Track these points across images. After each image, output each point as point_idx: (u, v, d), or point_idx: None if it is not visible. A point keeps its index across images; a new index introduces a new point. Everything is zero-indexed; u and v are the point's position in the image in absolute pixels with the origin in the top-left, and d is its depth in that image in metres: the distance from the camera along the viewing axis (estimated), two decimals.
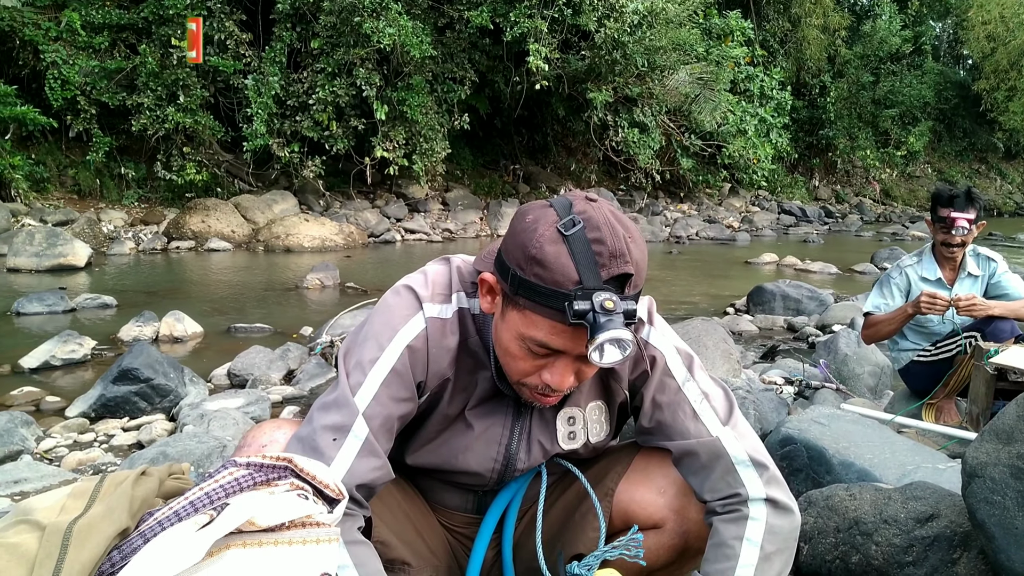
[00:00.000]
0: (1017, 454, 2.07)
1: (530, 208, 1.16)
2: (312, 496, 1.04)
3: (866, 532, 2.44)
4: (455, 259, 1.35)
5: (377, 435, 1.24)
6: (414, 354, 1.25)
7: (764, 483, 1.30)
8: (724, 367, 4.10)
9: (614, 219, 1.12)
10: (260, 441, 1.26)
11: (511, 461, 1.39)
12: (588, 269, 1.07)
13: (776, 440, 3.28)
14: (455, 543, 1.54)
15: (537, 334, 1.12)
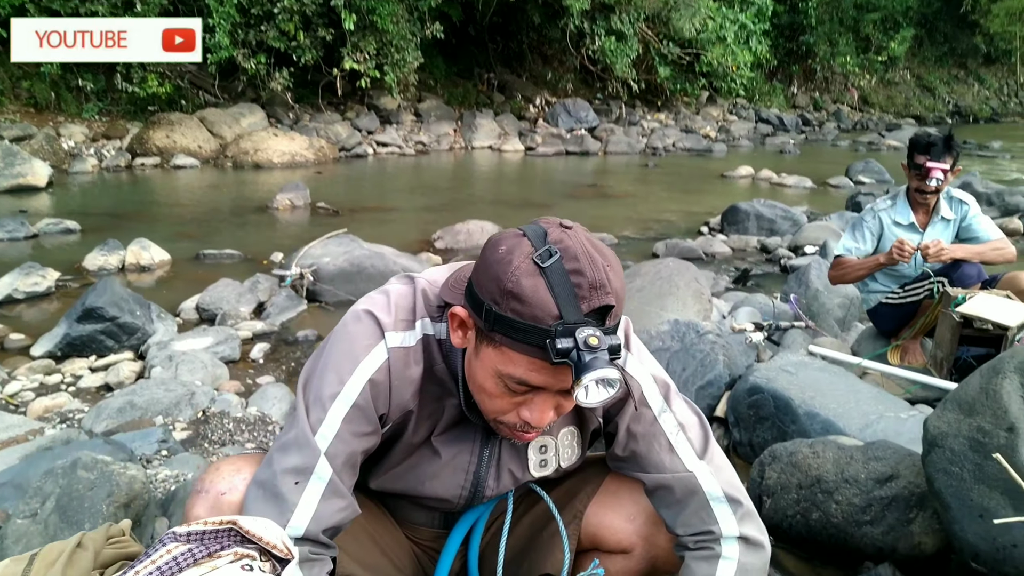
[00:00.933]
0: (977, 427, 2.08)
1: (502, 238, 1.08)
2: (259, 559, 1.00)
3: (827, 491, 2.49)
4: (420, 280, 1.27)
5: (341, 474, 1.19)
6: (376, 387, 1.18)
7: (738, 520, 1.27)
8: (695, 307, 4.10)
9: (591, 247, 1.05)
10: (219, 488, 1.20)
11: (479, 488, 1.36)
12: (568, 302, 1.00)
13: (744, 389, 3.30)
14: (421, 554, 1.52)
15: (516, 371, 1.06)
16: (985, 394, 2.11)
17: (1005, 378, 2.08)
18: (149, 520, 2.21)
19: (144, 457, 3.05)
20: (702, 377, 3.56)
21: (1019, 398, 2.03)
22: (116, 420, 3.66)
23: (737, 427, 3.34)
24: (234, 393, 4.20)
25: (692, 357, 3.65)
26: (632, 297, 4.20)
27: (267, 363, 4.94)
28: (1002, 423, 2.02)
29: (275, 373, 4.73)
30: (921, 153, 3.47)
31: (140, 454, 3.07)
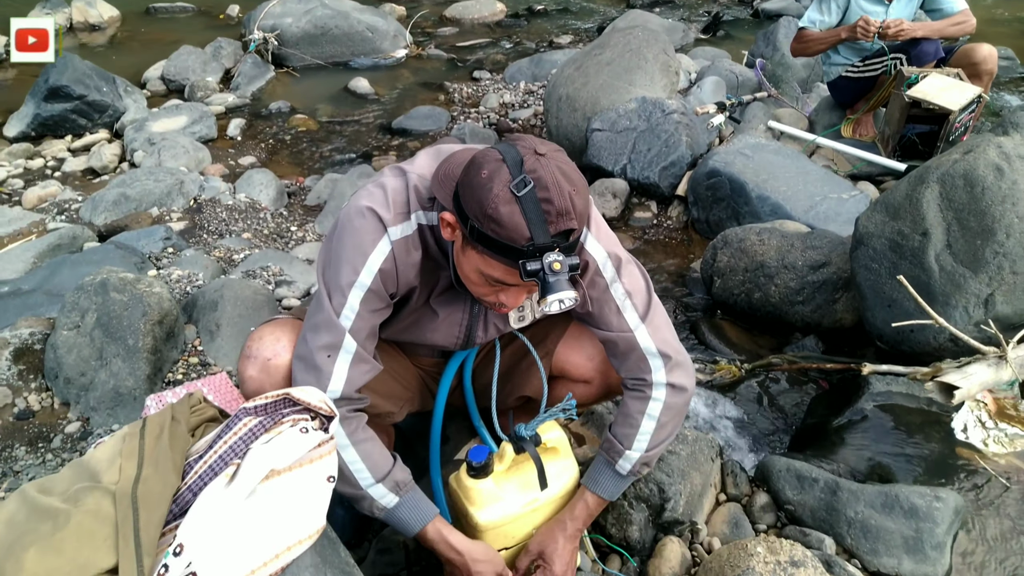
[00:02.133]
0: (898, 230, 2.39)
1: (484, 161, 1.24)
2: (309, 419, 1.31)
3: (768, 275, 2.85)
4: (411, 175, 1.44)
5: (364, 345, 1.46)
6: (385, 274, 1.41)
7: (667, 371, 1.57)
8: (662, 82, 4.17)
9: (560, 175, 1.22)
10: (265, 355, 1.48)
11: (471, 337, 1.66)
12: (538, 226, 1.20)
13: (703, 172, 3.55)
14: (425, 376, 1.87)
15: (494, 273, 1.29)
16: (909, 200, 2.39)
17: (927, 187, 2.34)
18: (180, 330, 2.54)
19: (153, 256, 3.30)
20: (666, 158, 3.78)
21: (936, 207, 2.31)
22: (113, 213, 3.86)
23: (696, 206, 3.64)
24: (220, 177, 4.36)
25: (657, 137, 3.84)
26: (601, 71, 4.25)
27: (245, 140, 5.02)
28: (919, 228, 2.33)
29: (255, 152, 4.84)
30: None
31: (148, 252, 3.32)
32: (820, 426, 2.30)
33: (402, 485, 1.52)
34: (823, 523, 1.85)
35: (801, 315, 2.79)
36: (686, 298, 3.23)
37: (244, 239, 3.66)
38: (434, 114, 5.21)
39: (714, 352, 2.85)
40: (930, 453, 2.07)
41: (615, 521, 1.84)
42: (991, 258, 2.18)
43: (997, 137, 2.33)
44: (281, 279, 3.08)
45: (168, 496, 1.17)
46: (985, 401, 2.18)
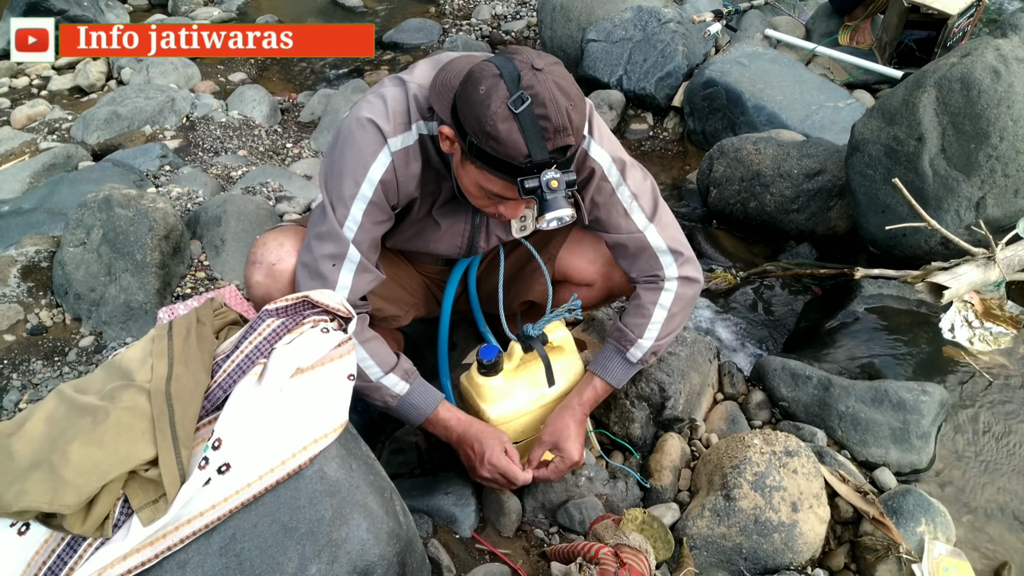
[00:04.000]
0: (894, 136, 2.41)
1: (482, 76, 1.24)
2: (328, 320, 1.36)
3: (764, 184, 2.88)
4: (411, 85, 1.44)
5: (367, 254, 1.49)
6: (386, 186, 1.43)
7: (679, 267, 1.62)
8: None
9: (557, 91, 1.23)
10: (269, 259, 1.51)
11: (474, 246, 1.68)
12: (536, 143, 1.22)
13: (700, 82, 3.53)
14: (430, 283, 1.90)
15: (493, 188, 1.32)
16: (905, 105, 2.40)
17: (924, 92, 2.35)
18: (185, 245, 2.56)
19: (151, 174, 3.30)
20: (662, 68, 3.75)
21: (932, 111, 2.33)
22: (105, 132, 3.82)
23: (692, 117, 3.63)
24: (211, 95, 4.30)
25: (653, 47, 3.80)
26: None
27: (233, 56, 4.92)
28: (914, 133, 2.35)
29: (244, 68, 4.76)
30: None
31: (146, 170, 3.32)
32: (813, 329, 2.38)
33: (410, 373, 1.60)
34: (816, 418, 1.95)
35: (796, 223, 2.84)
36: (682, 209, 3.26)
37: (240, 156, 3.64)
38: (425, 27, 5.11)
39: (710, 261, 2.91)
40: (918, 352, 2.15)
41: (618, 419, 1.93)
42: (984, 161, 2.22)
43: (996, 40, 2.33)
44: (281, 195, 3.10)
45: (200, 393, 1.23)
46: (972, 302, 2.26)
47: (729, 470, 1.68)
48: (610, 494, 1.76)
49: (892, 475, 1.82)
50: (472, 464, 1.59)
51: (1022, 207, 2.24)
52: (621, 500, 1.76)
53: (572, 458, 1.61)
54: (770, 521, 1.59)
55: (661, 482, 1.80)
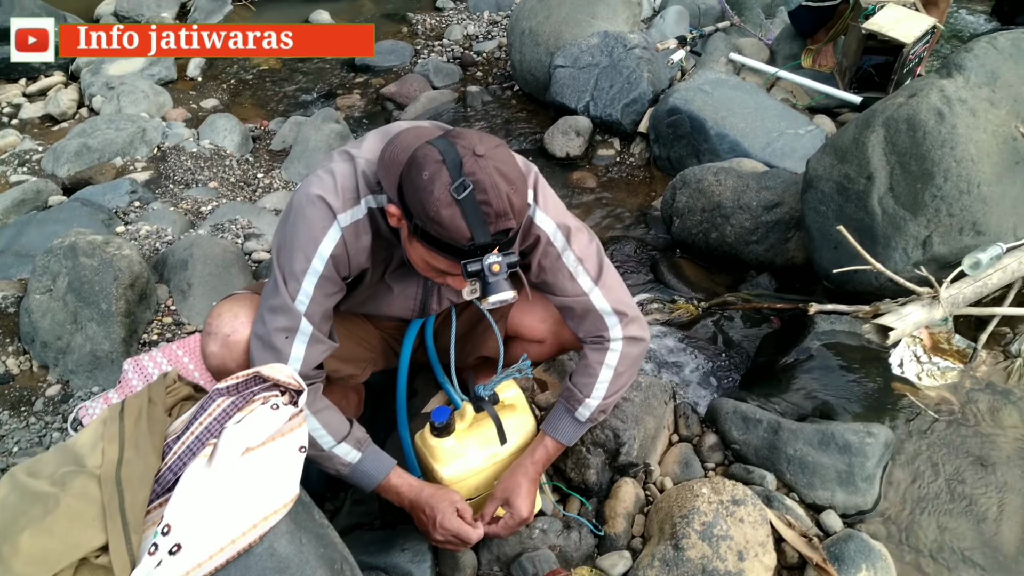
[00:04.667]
0: (845, 174, 2.47)
1: (425, 162, 1.28)
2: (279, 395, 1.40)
3: (725, 215, 2.94)
4: (359, 160, 1.47)
5: (319, 326, 1.53)
6: (337, 260, 1.48)
7: (623, 327, 1.67)
8: (625, 14, 4.12)
9: (499, 176, 1.27)
10: (224, 331, 1.55)
11: (426, 308, 1.74)
12: (478, 227, 1.27)
13: (664, 109, 3.59)
14: (388, 338, 1.95)
15: (439, 265, 1.37)
16: (856, 144, 2.46)
17: (873, 131, 2.41)
18: (152, 291, 2.59)
19: (120, 210, 3.32)
20: (628, 95, 3.80)
21: (881, 151, 2.39)
22: (76, 164, 3.84)
23: (657, 143, 3.69)
24: (182, 123, 4.32)
25: (619, 74, 3.85)
26: (563, 4, 4.19)
27: (206, 81, 4.95)
28: (864, 171, 2.41)
29: (217, 94, 4.77)
30: None
31: (115, 207, 3.34)
32: (769, 365, 2.44)
33: (362, 441, 1.64)
34: (765, 460, 2.00)
35: (755, 254, 2.90)
36: (647, 236, 3.32)
37: (211, 188, 3.67)
38: (397, 49, 5.14)
39: (673, 291, 2.96)
40: (869, 389, 2.21)
41: (574, 466, 1.98)
42: (930, 201, 2.28)
43: (940, 80, 2.40)
44: (250, 232, 3.13)
45: (150, 477, 1.27)
46: (921, 337, 2.32)
47: (678, 519, 1.73)
48: (564, 544, 1.81)
49: (838, 518, 1.87)
50: (425, 528, 1.64)
51: (967, 245, 2.30)
52: (575, 550, 1.81)
53: (521, 515, 1.65)
54: (717, 570, 1.64)
55: (615, 529, 1.85)
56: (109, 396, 2.12)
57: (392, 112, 4.49)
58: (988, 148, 2.30)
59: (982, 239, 2.30)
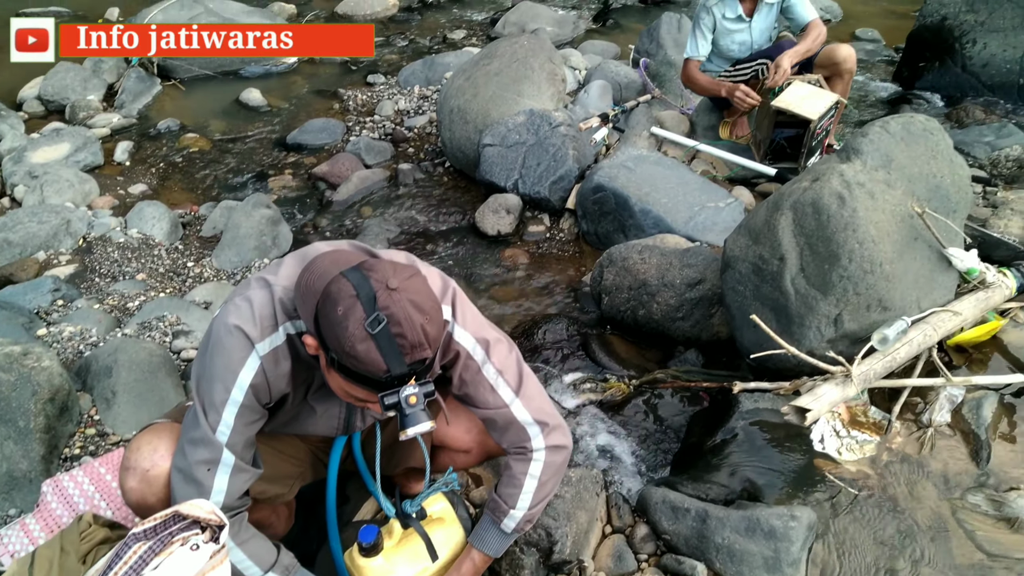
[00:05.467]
0: (759, 255, 2.58)
1: (339, 297, 1.31)
2: (201, 535, 1.38)
3: (651, 293, 3.02)
4: (276, 288, 1.49)
5: (242, 455, 1.53)
6: (256, 389, 1.49)
7: (545, 437, 1.71)
8: (550, 91, 4.26)
9: (412, 308, 1.31)
10: (143, 466, 1.53)
11: (351, 426, 1.76)
12: (394, 360, 1.30)
13: (590, 187, 3.69)
14: (316, 450, 1.95)
15: (358, 394, 1.39)
16: (767, 226, 2.57)
17: (782, 214, 2.53)
18: (73, 402, 2.53)
19: (42, 311, 3.25)
20: (554, 172, 3.90)
21: (790, 233, 2.50)
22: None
23: (585, 219, 3.78)
24: (109, 211, 4.27)
25: (546, 151, 3.95)
26: (490, 82, 4.31)
27: (134, 165, 4.90)
28: (776, 253, 2.52)
29: (145, 178, 4.73)
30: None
31: (36, 307, 3.26)
32: (698, 445, 2.49)
33: (291, 568, 1.63)
34: (696, 550, 2.03)
35: (682, 330, 2.98)
36: (579, 313, 3.38)
37: (139, 281, 3.62)
38: (329, 127, 5.19)
39: (604, 369, 3.01)
40: (793, 467, 2.28)
41: (508, 567, 1.98)
42: (837, 281, 2.39)
43: (840, 165, 2.53)
44: (178, 329, 3.09)
45: None
46: (839, 411, 2.40)
47: None
48: None
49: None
50: None
51: (875, 320, 2.41)
52: None
53: None
54: None
55: None
56: (27, 522, 2.05)
57: (324, 192, 4.51)
58: (888, 228, 2.42)
59: (888, 314, 2.42)
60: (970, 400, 2.43)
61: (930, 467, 2.27)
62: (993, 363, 2.61)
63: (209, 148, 5.11)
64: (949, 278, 2.60)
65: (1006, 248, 3.03)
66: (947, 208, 2.60)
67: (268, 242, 3.91)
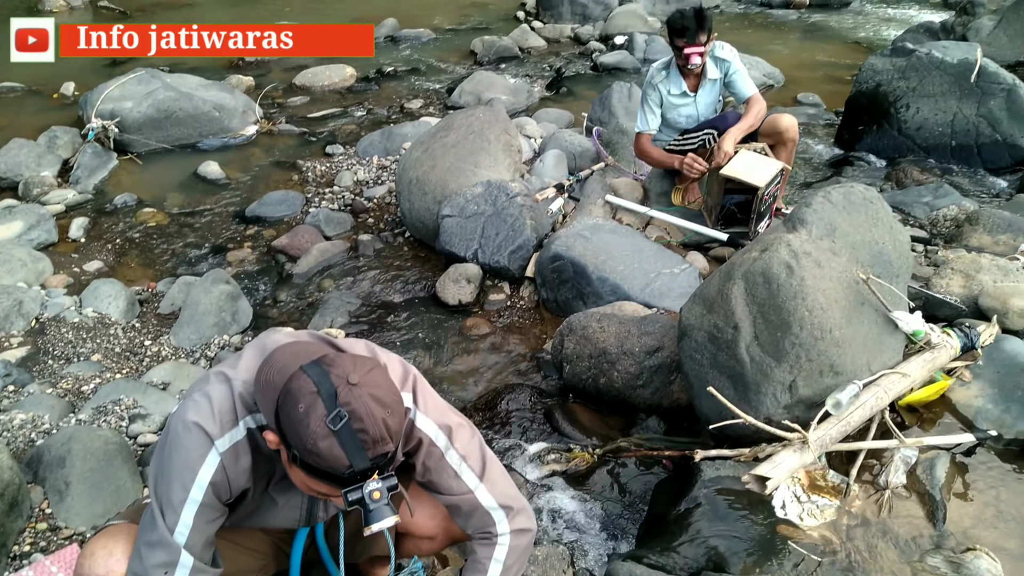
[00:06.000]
0: (714, 323, 2.64)
1: (300, 394, 1.32)
2: None
3: (611, 361, 3.06)
4: (235, 382, 1.50)
5: (201, 555, 1.51)
6: (216, 486, 1.48)
7: (510, 521, 1.72)
8: (506, 162, 4.35)
9: (374, 403, 1.33)
10: (98, 573, 1.50)
11: (313, 516, 1.75)
12: (356, 455, 1.31)
13: (548, 256, 3.76)
14: (278, 540, 1.92)
15: (320, 489, 1.40)
16: (720, 295, 2.64)
17: (734, 284, 2.60)
18: (24, 496, 2.46)
19: None
20: (513, 241, 3.97)
21: (743, 302, 2.57)
22: None
23: (544, 287, 3.84)
24: (64, 289, 4.21)
25: (504, 221, 4.02)
26: (447, 154, 4.39)
27: (90, 242, 4.85)
28: (730, 321, 2.58)
29: (101, 255, 4.68)
30: (677, 37, 3.78)
31: None
32: (662, 516, 2.50)
33: None
34: None
35: (643, 398, 3.02)
36: (541, 382, 3.40)
37: (94, 362, 3.55)
38: (288, 199, 5.21)
39: (568, 439, 3.02)
40: (756, 534, 2.30)
41: None
42: (790, 348, 2.45)
43: (787, 234, 2.63)
44: (135, 412, 3.04)
45: None
46: (799, 477, 2.44)
47: None
48: None
49: None
50: None
51: (828, 385, 2.47)
52: None
53: None
54: None
55: None
56: None
57: (284, 265, 4.51)
58: (835, 295, 2.51)
59: (840, 378, 2.49)
60: (924, 461, 2.49)
61: (889, 530, 2.31)
62: (943, 422, 2.69)
63: (167, 223, 5.09)
64: (896, 340, 2.69)
65: (949, 307, 3.15)
66: (890, 273, 2.71)
67: (228, 318, 3.88)
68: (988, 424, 2.63)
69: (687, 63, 3.82)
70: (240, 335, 3.86)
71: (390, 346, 3.68)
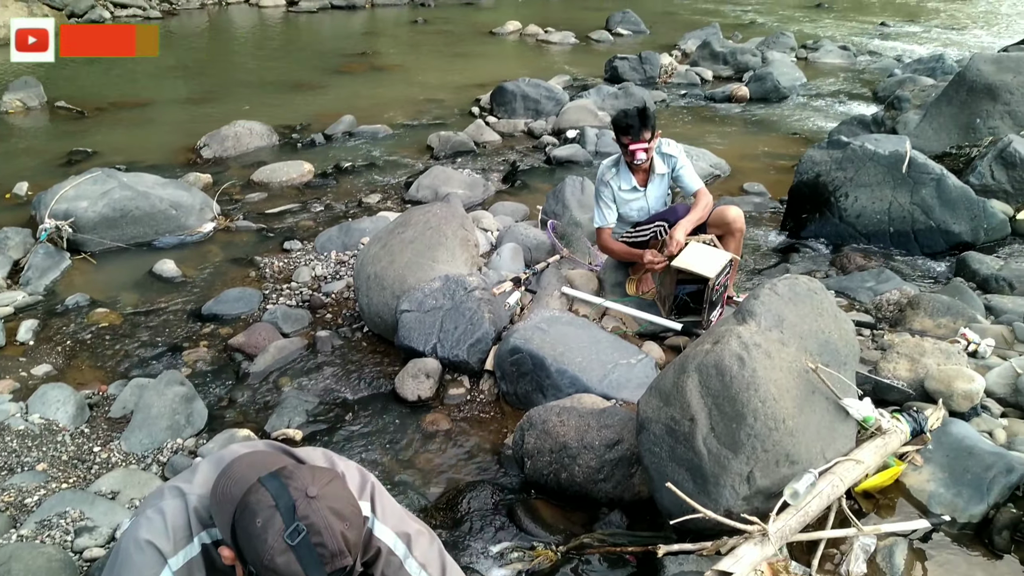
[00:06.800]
0: (671, 416, 2.67)
1: (258, 508, 1.31)
2: None
3: (571, 455, 3.06)
4: (190, 497, 1.48)
5: None
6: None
7: None
8: (463, 256, 4.44)
9: (332, 516, 1.33)
10: None
11: None
12: (315, 570, 1.30)
13: (506, 349, 3.79)
14: None
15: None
16: (676, 388, 2.69)
17: (688, 376, 2.65)
18: None
19: None
20: (472, 335, 3.99)
21: (698, 394, 2.62)
22: None
23: (504, 380, 3.85)
24: (9, 395, 4.09)
25: (462, 315, 4.06)
26: (405, 250, 4.45)
27: (39, 344, 4.75)
28: (687, 414, 2.62)
29: (51, 358, 4.58)
30: (622, 135, 3.98)
31: None
32: None
33: None
34: None
35: (604, 491, 3.01)
36: (502, 478, 3.37)
37: (39, 472, 3.43)
38: (245, 296, 5.19)
39: (531, 536, 2.98)
40: None
41: None
42: (746, 440, 2.49)
43: (738, 327, 2.70)
44: (81, 525, 2.93)
45: None
46: (761, 569, 2.44)
47: None
48: None
49: None
50: None
51: (784, 474, 2.50)
52: None
53: None
54: None
55: None
56: None
57: (241, 364, 4.45)
58: (786, 384, 2.57)
59: (796, 467, 2.52)
60: (883, 548, 2.52)
61: None
62: (899, 507, 2.73)
63: (120, 323, 5.01)
64: (848, 427, 2.75)
65: (897, 391, 3.24)
66: (838, 361, 2.79)
67: (182, 421, 3.80)
68: (942, 508, 2.68)
69: (633, 159, 3.99)
70: (194, 438, 3.77)
71: (349, 445, 3.63)
